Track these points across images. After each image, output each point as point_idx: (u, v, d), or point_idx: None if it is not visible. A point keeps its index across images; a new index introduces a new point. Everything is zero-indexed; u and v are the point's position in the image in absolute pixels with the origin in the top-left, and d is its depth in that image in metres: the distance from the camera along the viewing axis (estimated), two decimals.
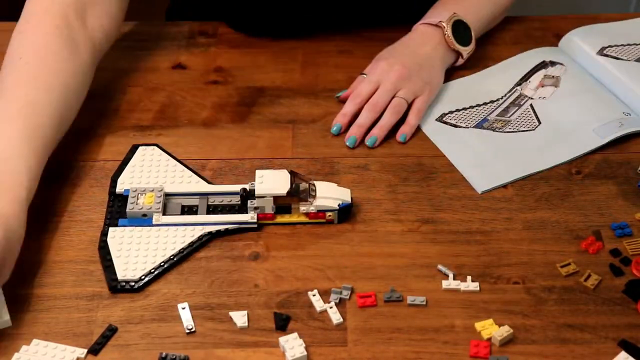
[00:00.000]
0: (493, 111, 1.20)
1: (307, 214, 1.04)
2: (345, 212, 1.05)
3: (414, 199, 1.08)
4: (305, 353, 0.92)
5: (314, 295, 0.98)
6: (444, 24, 1.21)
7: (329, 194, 1.04)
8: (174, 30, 1.34)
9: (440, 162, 1.13)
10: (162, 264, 1.00)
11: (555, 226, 1.05)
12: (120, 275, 0.98)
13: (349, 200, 1.04)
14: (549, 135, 1.16)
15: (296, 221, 1.05)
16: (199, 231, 1.03)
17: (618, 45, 1.27)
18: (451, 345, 0.93)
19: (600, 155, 1.14)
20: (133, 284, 0.98)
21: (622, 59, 1.25)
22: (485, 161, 1.13)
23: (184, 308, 0.96)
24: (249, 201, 1.03)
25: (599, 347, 0.93)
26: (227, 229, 1.03)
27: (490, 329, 0.94)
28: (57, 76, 1.07)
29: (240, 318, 0.95)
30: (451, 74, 1.25)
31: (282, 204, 1.04)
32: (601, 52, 1.26)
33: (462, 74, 1.25)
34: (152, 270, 0.99)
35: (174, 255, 1.01)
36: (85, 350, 0.93)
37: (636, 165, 1.12)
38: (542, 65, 1.26)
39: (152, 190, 1.06)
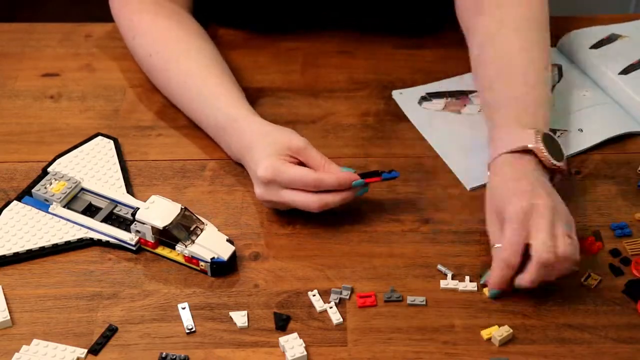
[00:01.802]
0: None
1: (183, 256, 1.01)
2: (221, 268, 0.99)
3: (414, 199, 1.08)
4: (305, 353, 0.92)
5: (314, 295, 0.98)
6: (533, 145, 1.00)
7: (209, 245, 0.99)
8: None
9: (440, 162, 1.13)
10: (30, 250, 1.01)
11: None
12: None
13: (225, 258, 0.99)
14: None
15: (174, 259, 1.01)
16: (81, 234, 1.03)
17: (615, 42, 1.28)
18: (451, 345, 0.93)
19: (600, 155, 1.14)
20: None
21: (619, 59, 1.25)
22: (472, 153, 1.13)
23: (184, 308, 0.96)
24: (133, 223, 1.02)
25: (599, 347, 0.93)
26: (108, 241, 1.02)
27: (490, 329, 0.94)
28: (188, 43, 1.18)
29: (240, 318, 0.95)
30: (449, 74, 1.25)
31: (170, 237, 1.01)
32: (597, 47, 1.27)
33: (457, 73, 1.25)
34: (18, 252, 1.01)
35: (45, 248, 1.01)
36: (85, 350, 0.93)
37: (636, 165, 1.13)
38: None
39: (68, 180, 1.06)
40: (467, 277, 0.99)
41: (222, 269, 1.00)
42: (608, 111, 1.19)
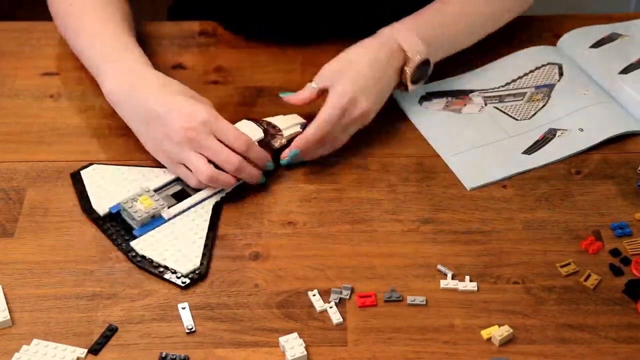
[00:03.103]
0: (487, 94, 1.21)
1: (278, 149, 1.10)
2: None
3: (414, 199, 1.08)
4: (305, 353, 0.92)
5: (314, 295, 0.98)
6: (410, 61, 1.14)
7: (287, 124, 1.13)
8: (174, 29, 1.34)
9: (440, 162, 1.13)
10: (207, 244, 1.02)
11: (555, 226, 1.05)
12: (187, 269, 0.99)
13: (304, 120, 1.13)
14: (541, 133, 1.16)
15: None
16: (208, 205, 1.05)
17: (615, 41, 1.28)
18: (451, 345, 0.93)
19: (600, 155, 1.14)
20: (199, 271, 1.00)
21: (618, 58, 1.25)
22: (472, 153, 1.13)
23: (184, 308, 0.97)
24: None
25: (599, 347, 0.93)
26: (234, 189, 1.06)
27: (490, 329, 0.94)
28: None
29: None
30: (446, 73, 1.25)
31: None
32: (597, 46, 1.27)
33: (457, 73, 1.25)
34: (205, 253, 1.01)
35: (208, 234, 1.03)
36: (85, 350, 0.93)
37: (636, 165, 1.13)
38: (540, 63, 1.26)
39: (141, 194, 1.06)
40: (467, 277, 0.99)
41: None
42: (608, 111, 1.19)
